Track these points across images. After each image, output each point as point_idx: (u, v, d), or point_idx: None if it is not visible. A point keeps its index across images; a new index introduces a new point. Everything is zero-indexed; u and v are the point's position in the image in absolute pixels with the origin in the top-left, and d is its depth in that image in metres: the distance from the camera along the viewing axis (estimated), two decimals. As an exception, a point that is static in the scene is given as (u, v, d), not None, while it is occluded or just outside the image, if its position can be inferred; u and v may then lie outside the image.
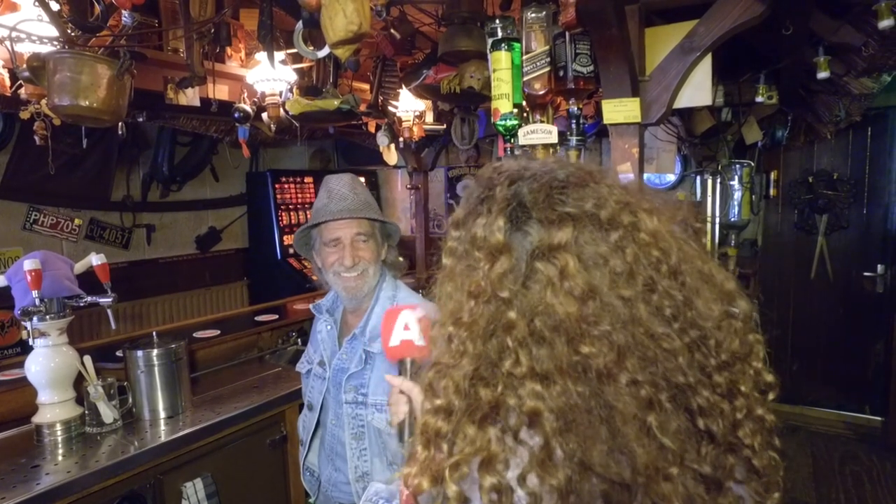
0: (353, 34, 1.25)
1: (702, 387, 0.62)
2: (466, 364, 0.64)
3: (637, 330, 0.61)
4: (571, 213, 0.65)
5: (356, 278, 1.57)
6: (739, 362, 0.66)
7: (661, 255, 0.65)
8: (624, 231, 0.65)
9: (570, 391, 0.59)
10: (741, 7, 1.52)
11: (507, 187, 0.69)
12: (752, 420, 0.65)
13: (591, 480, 0.57)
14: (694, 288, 0.65)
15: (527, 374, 0.60)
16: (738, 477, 0.65)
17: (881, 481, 3.67)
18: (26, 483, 1.67)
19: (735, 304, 0.68)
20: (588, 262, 0.63)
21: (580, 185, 0.68)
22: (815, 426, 4.49)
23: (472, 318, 0.65)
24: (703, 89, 1.72)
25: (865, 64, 2.28)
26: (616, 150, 1.73)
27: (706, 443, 0.62)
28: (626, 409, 0.58)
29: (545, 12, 1.74)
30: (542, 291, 0.63)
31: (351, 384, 1.56)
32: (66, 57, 1.51)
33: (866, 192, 4.42)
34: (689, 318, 0.64)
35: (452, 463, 0.61)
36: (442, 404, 0.65)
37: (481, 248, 0.67)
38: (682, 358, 0.61)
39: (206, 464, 2.09)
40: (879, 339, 4.34)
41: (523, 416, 0.60)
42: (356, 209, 1.55)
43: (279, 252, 5.37)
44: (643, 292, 0.63)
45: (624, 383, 0.58)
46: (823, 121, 3.52)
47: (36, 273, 1.81)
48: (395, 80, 3.10)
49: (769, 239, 4.77)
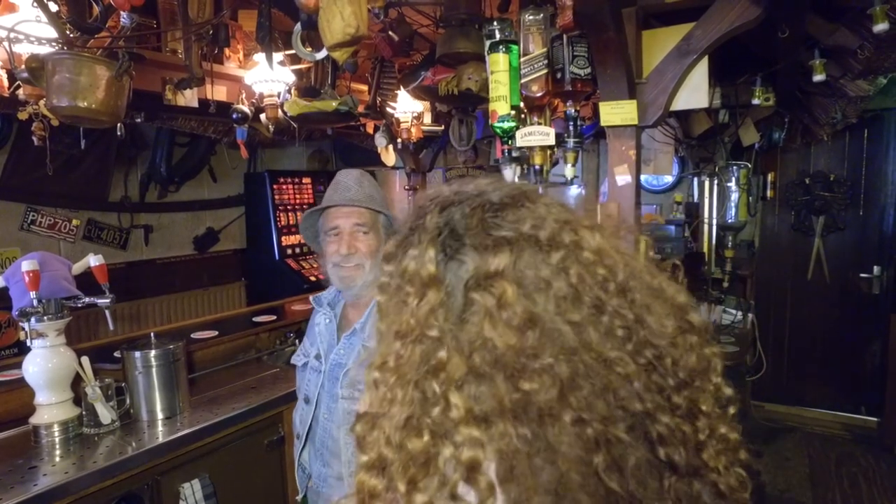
0: (351, 37, 1.26)
1: (661, 412, 0.57)
2: (396, 413, 0.58)
3: (587, 356, 0.56)
4: (508, 236, 0.60)
5: (351, 269, 1.58)
6: (699, 379, 0.61)
7: (608, 273, 0.60)
8: (566, 251, 0.60)
9: (512, 434, 0.53)
10: (737, 10, 1.53)
11: (438, 214, 0.64)
12: (715, 439, 0.61)
13: None
14: (645, 304, 0.60)
15: (463, 418, 0.55)
16: (706, 502, 0.61)
17: (877, 482, 3.68)
18: (24, 484, 1.67)
19: (688, 318, 0.64)
20: (529, 287, 0.57)
21: (516, 206, 0.63)
22: (812, 427, 4.50)
23: (399, 362, 0.59)
24: (699, 91, 1.73)
25: (861, 66, 2.29)
26: (613, 151, 1.74)
27: (668, 474, 0.57)
28: (569, 451, 0.52)
29: (543, 15, 1.75)
30: (479, 324, 0.57)
31: (348, 380, 1.56)
32: (65, 58, 1.51)
33: (862, 193, 4.44)
34: (642, 338, 0.59)
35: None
36: (373, 459, 0.59)
37: (412, 283, 0.61)
38: (637, 382, 0.57)
39: (204, 465, 2.09)
40: (875, 341, 4.36)
41: (461, 468, 0.54)
42: (358, 199, 1.58)
43: (277, 253, 5.37)
44: (592, 314, 0.57)
45: (568, 422, 0.53)
46: (820, 123, 3.54)
47: (34, 274, 1.80)
48: (393, 82, 3.10)
49: (766, 240, 4.78)
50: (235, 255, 5.81)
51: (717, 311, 3.23)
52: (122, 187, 4.82)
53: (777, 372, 4.71)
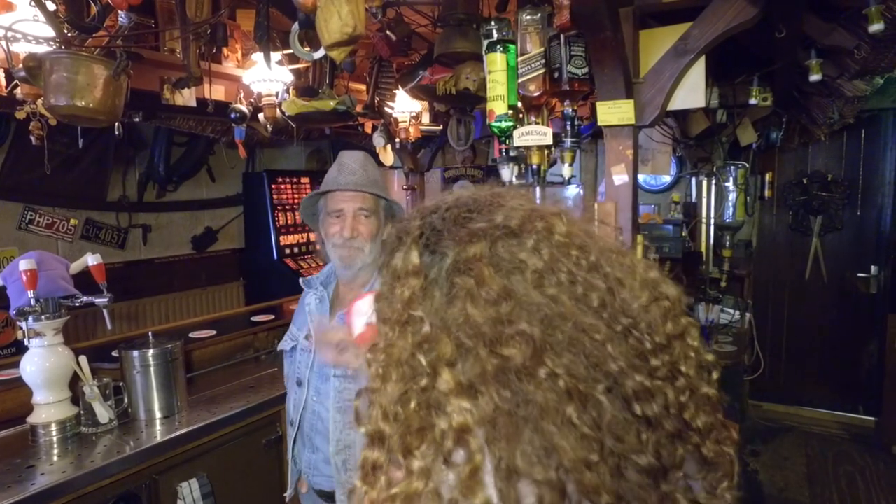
0: (349, 36, 1.26)
1: (635, 371, 0.62)
2: (390, 389, 0.63)
3: (564, 325, 0.61)
4: (482, 227, 0.67)
5: (353, 251, 1.61)
6: (676, 343, 0.66)
7: (580, 253, 0.66)
8: (538, 235, 0.66)
9: (495, 398, 0.59)
10: (734, 10, 1.54)
11: (420, 220, 0.72)
12: (696, 399, 0.65)
13: (516, 488, 0.56)
14: (617, 278, 0.66)
15: (453, 389, 0.60)
16: (689, 472, 0.65)
17: (874, 481, 3.69)
18: (21, 483, 1.67)
19: (659, 290, 0.69)
20: (505, 268, 0.64)
21: (489, 204, 0.70)
22: (810, 427, 4.51)
23: (389, 342, 0.65)
24: (696, 91, 1.73)
25: (858, 66, 2.29)
26: (610, 151, 1.75)
27: (645, 429, 0.61)
28: (545, 402, 0.58)
29: (540, 14, 1.75)
30: (462, 304, 0.63)
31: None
32: (63, 57, 1.51)
33: (860, 193, 4.45)
34: (616, 307, 0.64)
35: (387, 497, 0.60)
36: (372, 430, 0.64)
37: (398, 277, 0.68)
38: (611, 346, 0.62)
39: (202, 464, 2.09)
40: (873, 340, 4.37)
41: (452, 434, 0.59)
42: (363, 184, 1.61)
43: (275, 252, 5.37)
44: (565, 287, 0.63)
45: (543, 377, 0.58)
46: (817, 122, 3.55)
47: (31, 273, 1.80)
48: (391, 81, 3.10)
49: (764, 240, 4.79)
50: (234, 255, 5.81)
51: (714, 311, 3.23)
52: (121, 187, 4.82)
53: (775, 371, 4.72)
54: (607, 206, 1.74)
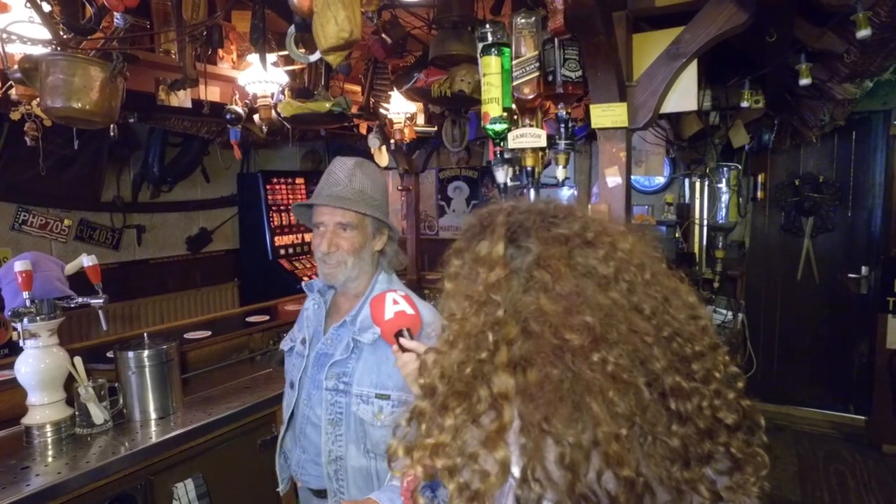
0: (345, 41, 1.27)
1: (676, 372, 0.72)
2: (455, 354, 0.75)
3: (621, 326, 0.72)
4: (564, 233, 0.79)
5: (332, 266, 1.57)
6: (710, 354, 0.78)
7: (638, 269, 0.78)
8: (608, 248, 0.78)
9: (545, 370, 0.69)
10: (725, 15, 1.56)
11: (507, 216, 0.83)
12: (726, 402, 0.76)
13: (546, 443, 0.66)
14: (664, 296, 0.78)
15: (504, 364, 0.71)
16: (721, 468, 0.74)
17: (864, 479, 3.73)
18: (16, 484, 1.67)
19: (697, 311, 0.82)
20: (579, 269, 0.75)
21: (567, 213, 0.82)
22: (802, 426, 4.55)
23: (465, 316, 0.77)
24: (689, 95, 1.75)
25: (848, 70, 2.33)
26: (604, 153, 1.76)
27: (677, 422, 0.71)
28: (593, 380, 0.68)
29: (534, 18, 1.77)
30: (536, 295, 0.74)
31: (333, 371, 1.56)
32: (59, 59, 1.51)
33: (851, 195, 4.50)
34: (664, 318, 0.75)
35: (420, 444, 0.72)
36: (427, 383, 0.76)
37: (483, 263, 0.79)
38: (657, 348, 0.72)
39: (198, 464, 2.09)
40: (863, 340, 4.42)
41: (489, 400, 0.70)
42: (345, 196, 1.54)
43: (270, 253, 5.38)
44: (626, 294, 0.75)
45: (595, 360, 0.69)
46: (809, 125, 3.58)
47: (27, 274, 1.81)
48: (386, 83, 3.12)
49: (757, 241, 4.83)
50: (228, 256, 5.80)
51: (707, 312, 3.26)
52: (115, 187, 4.81)
53: (767, 371, 4.76)
54: (601, 208, 1.76)
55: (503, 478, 0.68)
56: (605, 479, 0.66)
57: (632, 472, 0.66)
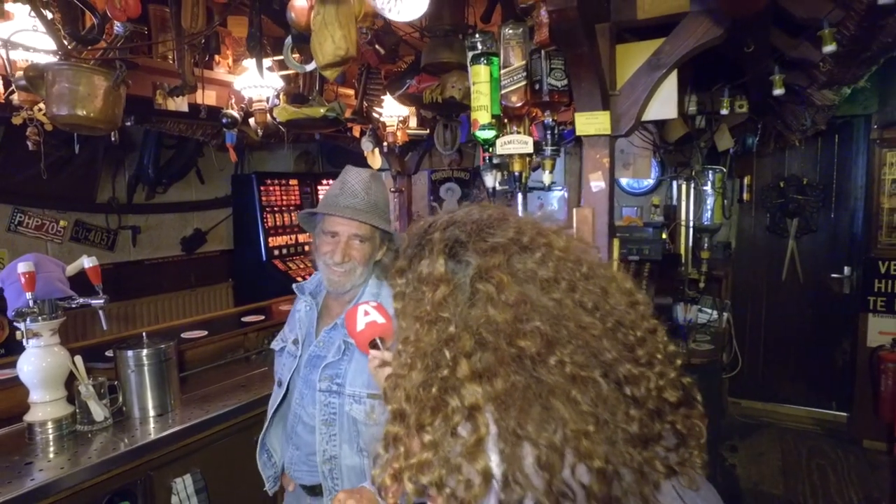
0: (341, 58, 1.34)
1: (625, 360, 0.77)
2: (415, 375, 0.77)
3: (569, 324, 0.75)
4: (500, 242, 0.81)
5: (342, 273, 1.61)
6: (650, 338, 0.82)
7: (575, 265, 0.81)
8: (544, 250, 0.81)
9: (510, 379, 0.72)
10: (702, 29, 1.63)
11: (442, 232, 0.85)
12: (668, 381, 0.80)
13: (523, 448, 0.70)
14: (602, 286, 0.82)
15: (468, 376, 0.73)
16: (668, 444, 0.78)
17: (844, 473, 3.83)
18: (20, 479, 1.72)
19: (635, 297, 0.85)
20: (520, 276, 0.78)
21: (501, 220, 0.85)
22: (786, 422, 4.65)
23: (418, 336, 0.79)
24: (669, 103, 1.82)
25: (825, 78, 2.41)
26: (588, 159, 1.84)
27: (633, 407, 0.76)
28: (555, 383, 0.72)
29: (522, 29, 1.84)
30: (484, 306, 0.77)
31: (327, 373, 1.60)
32: (65, 68, 1.57)
33: (834, 196, 4.60)
34: (606, 309, 0.79)
35: (406, 466, 0.75)
36: (395, 408, 0.78)
37: (427, 283, 0.81)
38: (606, 340, 0.76)
39: (196, 460, 2.14)
40: (846, 339, 4.52)
41: (464, 412, 0.73)
42: (362, 210, 1.58)
43: (264, 254, 5.41)
44: (567, 292, 0.78)
45: (553, 364, 0.72)
46: (792, 129, 3.67)
47: (30, 275, 1.85)
48: (379, 88, 3.17)
49: (743, 242, 4.93)
50: (222, 256, 5.84)
51: (692, 311, 3.34)
52: (110, 189, 4.84)
53: (753, 369, 4.85)
54: (585, 212, 1.84)
55: (487, 486, 0.71)
56: (578, 473, 0.70)
57: (602, 463, 0.70)
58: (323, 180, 6.14)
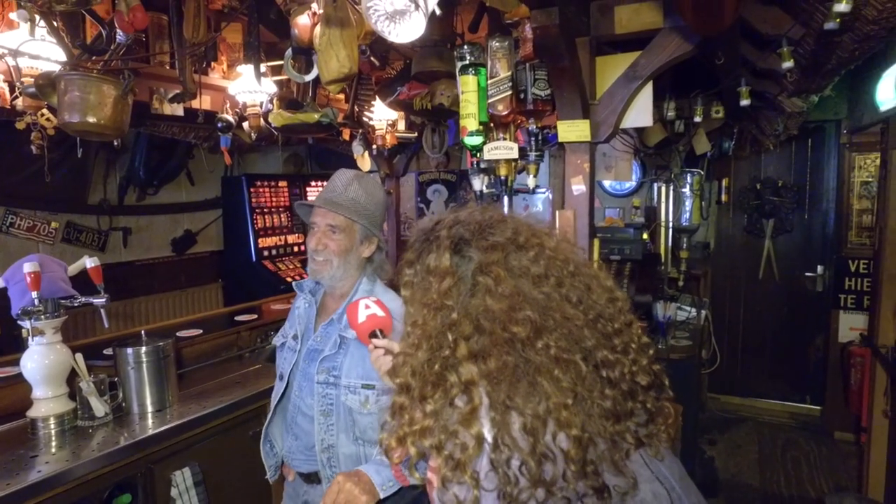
0: (345, 75, 1.44)
1: (603, 347, 0.89)
2: (420, 354, 0.89)
3: (555, 314, 0.88)
4: (499, 240, 0.93)
5: (319, 263, 1.71)
6: (626, 329, 0.94)
7: (563, 263, 0.94)
8: (537, 249, 0.94)
9: (502, 359, 0.84)
10: (674, 44, 1.76)
11: (449, 229, 0.98)
12: (641, 367, 0.92)
13: (511, 416, 0.82)
14: (587, 284, 0.94)
15: (466, 356, 0.85)
16: (639, 420, 0.90)
17: (817, 464, 4.00)
18: (27, 471, 1.78)
19: (614, 294, 0.97)
20: (515, 271, 0.91)
21: (500, 221, 0.98)
22: (763, 417, 4.82)
23: (424, 321, 0.91)
24: (645, 112, 1.95)
25: (792, 87, 2.55)
26: (570, 164, 1.95)
27: (609, 387, 0.88)
28: (541, 363, 0.84)
29: (508, 42, 1.95)
30: (483, 297, 0.89)
31: (324, 366, 1.69)
32: (76, 78, 1.64)
33: (808, 198, 4.77)
34: (588, 303, 0.92)
35: (410, 432, 0.87)
36: (402, 382, 0.90)
37: (433, 274, 0.94)
38: (587, 329, 0.89)
39: (194, 454, 2.21)
40: (819, 335, 4.69)
41: (461, 386, 0.84)
42: (337, 201, 1.69)
43: (254, 254, 5.46)
44: (555, 287, 0.91)
45: (540, 347, 0.85)
46: (766, 133, 3.83)
47: (35, 275, 1.92)
48: (369, 93, 3.26)
49: (721, 242, 5.08)
50: (212, 257, 5.87)
51: (671, 308, 3.47)
52: (101, 190, 4.86)
53: (731, 365, 5.01)
54: (567, 213, 1.95)
55: (480, 448, 0.83)
56: (559, 439, 0.82)
57: (579, 431, 0.82)
58: (312, 182, 6.19)
